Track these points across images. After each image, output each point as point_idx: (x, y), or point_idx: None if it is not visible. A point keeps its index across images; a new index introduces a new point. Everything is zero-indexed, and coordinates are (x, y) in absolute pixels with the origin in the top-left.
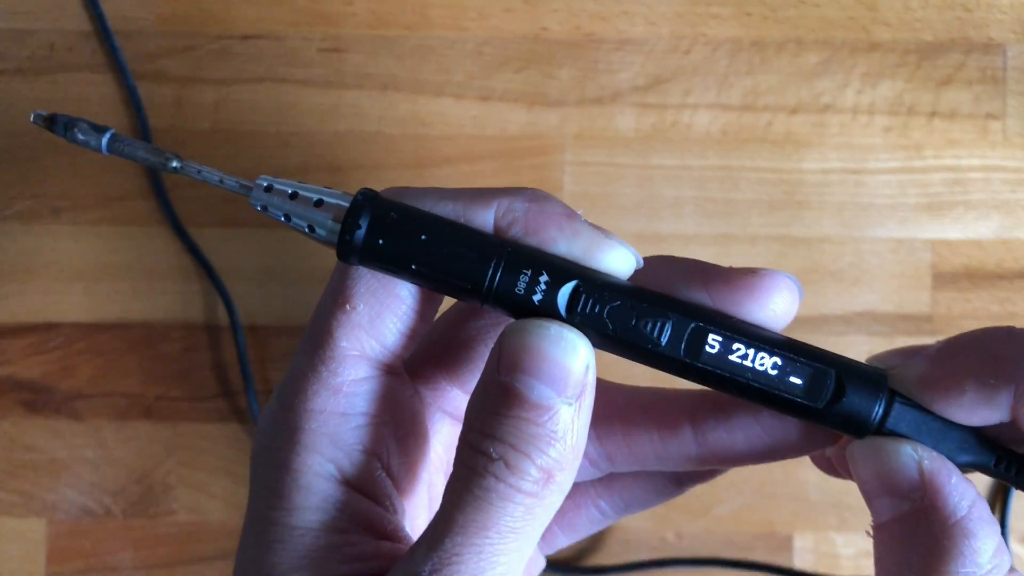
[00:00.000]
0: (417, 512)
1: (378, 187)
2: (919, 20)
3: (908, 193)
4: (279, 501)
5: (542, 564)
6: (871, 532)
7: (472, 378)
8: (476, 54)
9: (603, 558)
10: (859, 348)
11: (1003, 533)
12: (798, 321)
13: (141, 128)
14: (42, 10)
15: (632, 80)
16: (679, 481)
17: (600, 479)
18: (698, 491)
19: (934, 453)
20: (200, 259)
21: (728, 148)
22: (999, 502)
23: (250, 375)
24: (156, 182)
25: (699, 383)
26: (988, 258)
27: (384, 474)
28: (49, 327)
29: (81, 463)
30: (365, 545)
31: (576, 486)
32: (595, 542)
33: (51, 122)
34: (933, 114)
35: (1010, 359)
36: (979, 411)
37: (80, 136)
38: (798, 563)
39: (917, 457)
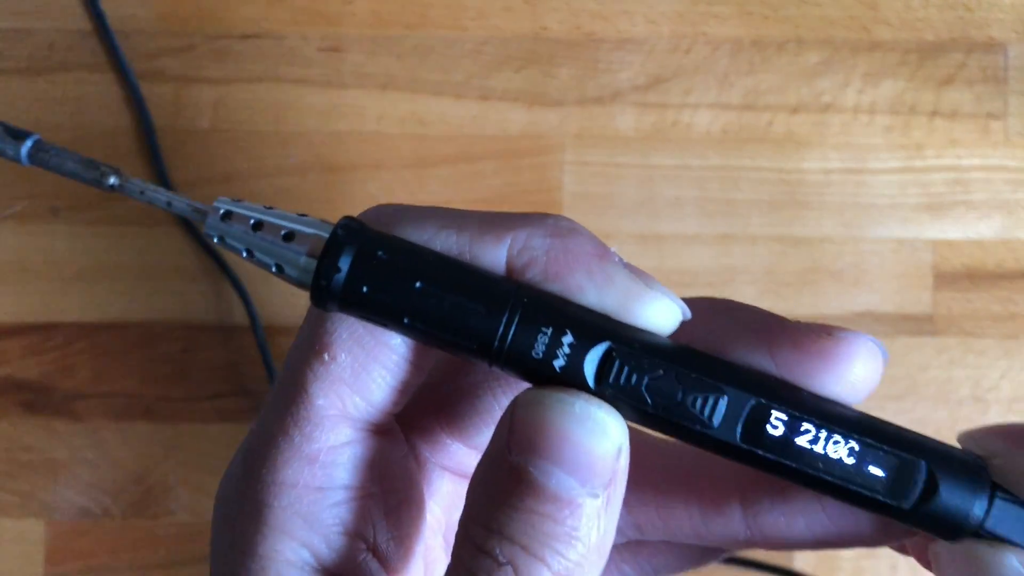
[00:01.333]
0: None
1: (377, 187)
2: (920, 19)
3: (909, 193)
4: None
5: None
6: None
7: (477, 432)
8: (476, 54)
9: None
10: None
11: None
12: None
13: (145, 127)
14: (42, 10)
15: (632, 79)
16: (715, 551)
17: (625, 544)
18: None
19: None
20: (215, 257)
21: (728, 148)
22: None
23: (272, 367)
24: (165, 182)
25: (759, 469)
26: (989, 258)
27: (370, 555)
28: (48, 327)
29: (80, 463)
30: None
31: None
32: None
33: None
34: (934, 114)
35: None
36: None
37: None
38: (798, 563)
39: (1022, 570)
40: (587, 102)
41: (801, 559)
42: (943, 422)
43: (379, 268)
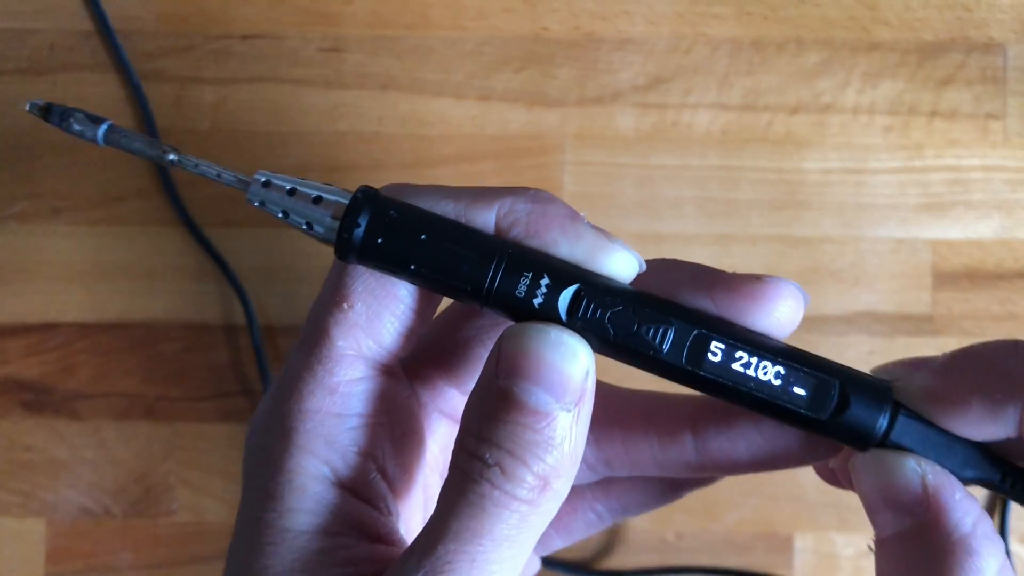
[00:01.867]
0: (412, 514)
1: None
2: (919, 20)
3: (908, 193)
4: (272, 503)
5: (537, 565)
6: (872, 546)
7: (470, 379)
8: (476, 54)
9: (603, 558)
10: (859, 348)
11: (1003, 533)
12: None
13: (147, 127)
14: (42, 10)
15: (632, 80)
16: (676, 486)
17: (597, 482)
18: (698, 491)
19: (938, 468)
20: (215, 257)
21: (728, 148)
22: (999, 503)
23: (267, 369)
24: (166, 181)
25: (701, 391)
26: (988, 258)
27: (379, 476)
28: (49, 327)
29: (81, 463)
30: (358, 548)
31: (573, 489)
32: (594, 541)
33: (47, 112)
34: (933, 114)
35: (1018, 374)
36: (985, 427)
37: (76, 126)
38: (798, 563)
39: (921, 471)
40: (587, 102)
41: (801, 559)
42: None
43: (391, 224)
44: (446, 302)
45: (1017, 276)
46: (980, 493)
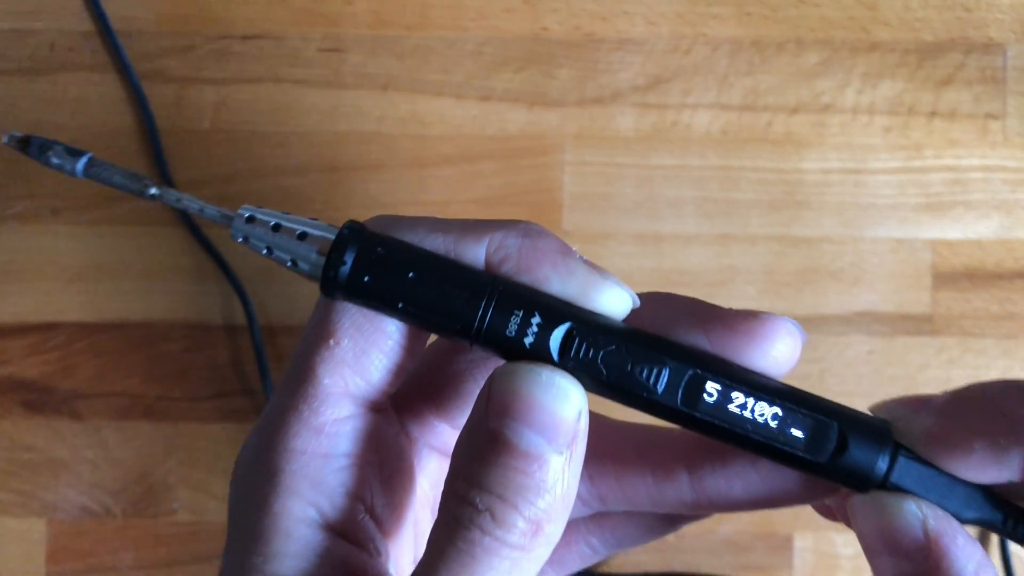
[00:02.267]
0: (402, 552)
1: (378, 187)
2: (919, 20)
3: (908, 193)
4: (257, 546)
5: None
6: None
7: (461, 414)
8: (476, 54)
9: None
10: (859, 348)
11: (1004, 554)
12: (799, 321)
13: (148, 128)
14: (42, 10)
15: (632, 80)
16: (671, 520)
17: (591, 516)
18: None
19: (940, 512)
20: (215, 257)
21: (728, 148)
22: None
23: (267, 369)
24: (167, 181)
25: (697, 432)
26: (988, 258)
27: (367, 517)
28: (49, 327)
29: (81, 463)
30: None
31: (567, 523)
32: None
33: (25, 144)
34: (933, 114)
35: (1020, 418)
36: (988, 470)
37: (55, 160)
38: (798, 563)
39: (922, 516)
40: (587, 102)
41: (801, 559)
42: None
43: (378, 261)
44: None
45: (1017, 276)
46: None
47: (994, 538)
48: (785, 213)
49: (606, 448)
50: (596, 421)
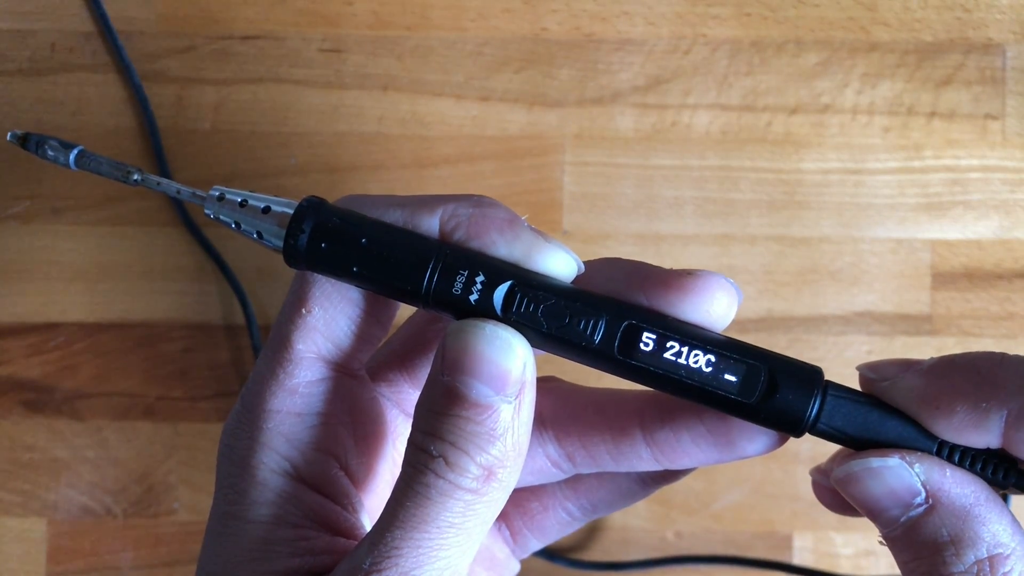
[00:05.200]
0: (378, 508)
1: (378, 187)
2: (918, 20)
3: (907, 193)
4: (236, 496)
5: (516, 568)
6: (883, 542)
7: None
8: (476, 54)
9: (603, 557)
10: (858, 348)
11: None
12: (798, 321)
13: (149, 127)
14: (43, 10)
15: (632, 80)
16: (643, 482)
17: (566, 481)
18: (697, 490)
19: (918, 453)
20: (215, 257)
21: (728, 148)
22: None
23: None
24: None
25: (637, 381)
26: (987, 258)
27: (341, 473)
28: (50, 327)
29: (82, 463)
30: (319, 540)
31: (543, 488)
32: (594, 542)
33: (24, 140)
34: (932, 114)
35: (1002, 385)
36: (968, 433)
37: (50, 153)
38: (797, 562)
39: (908, 464)
40: (587, 103)
41: (801, 559)
42: None
43: (333, 230)
44: (409, 307)
45: (1016, 276)
46: None
47: None
48: (784, 213)
49: (570, 411)
50: (563, 388)
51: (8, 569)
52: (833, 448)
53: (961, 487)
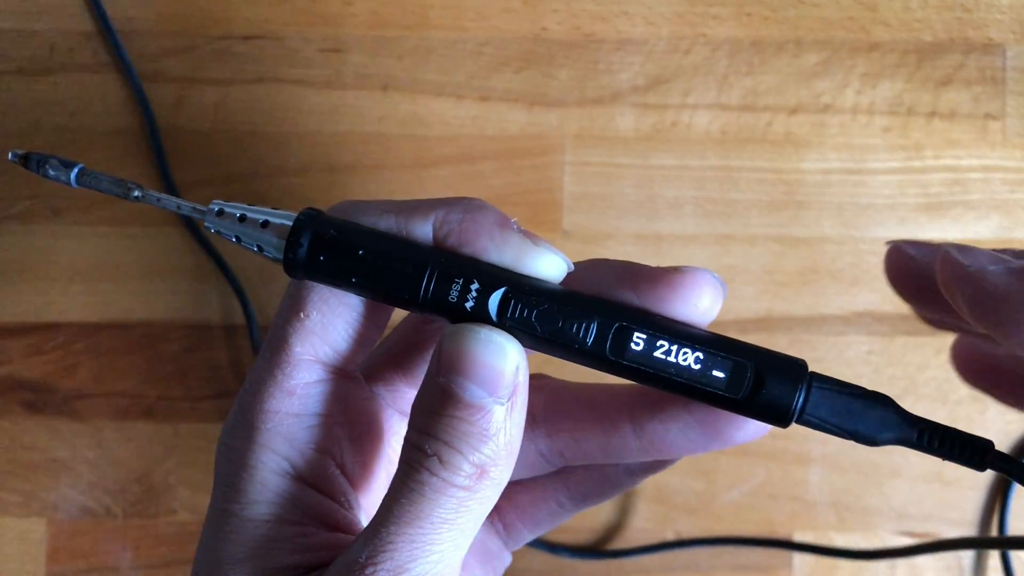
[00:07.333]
0: (374, 506)
1: (378, 187)
2: (918, 20)
3: (907, 193)
4: (235, 495)
5: (508, 559)
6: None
7: None
8: (476, 54)
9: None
10: (859, 348)
11: (1001, 531)
12: (798, 321)
13: (149, 127)
14: (43, 11)
15: (632, 80)
16: (631, 472)
17: (556, 474)
18: (697, 490)
19: (946, 246)
20: (215, 257)
21: (728, 148)
22: (998, 502)
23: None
24: (167, 182)
25: (629, 379)
26: None
27: (338, 472)
28: (49, 327)
29: (81, 463)
30: (317, 537)
31: (534, 481)
32: (594, 543)
33: (26, 159)
34: (932, 114)
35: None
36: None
37: (51, 172)
38: (797, 563)
39: (941, 253)
40: (587, 103)
41: (801, 559)
42: (942, 421)
43: (331, 242)
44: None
45: None
46: (981, 488)
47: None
48: (785, 213)
49: (561, 406)
50: (553, 384)
51: (8, 569)
52: (824, 437)
53: (977, 260)
